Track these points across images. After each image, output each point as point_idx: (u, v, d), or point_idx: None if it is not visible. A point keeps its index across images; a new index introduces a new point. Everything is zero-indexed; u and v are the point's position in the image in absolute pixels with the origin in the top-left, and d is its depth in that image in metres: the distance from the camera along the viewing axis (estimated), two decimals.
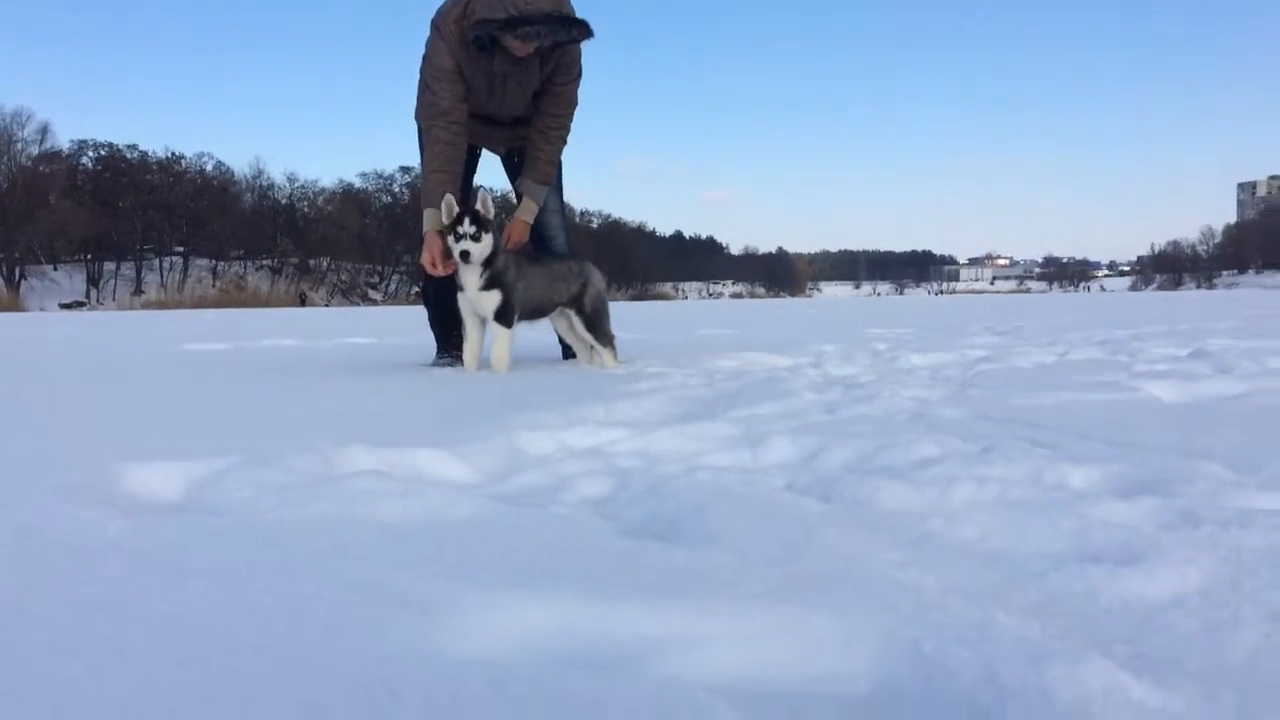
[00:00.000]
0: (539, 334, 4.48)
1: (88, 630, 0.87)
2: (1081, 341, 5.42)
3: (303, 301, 55.99)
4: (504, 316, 3.91)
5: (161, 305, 48.05)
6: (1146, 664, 0.89)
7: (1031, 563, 1.15)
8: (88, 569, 1.05)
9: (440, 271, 3.95)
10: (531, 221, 4.27)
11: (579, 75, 4.20)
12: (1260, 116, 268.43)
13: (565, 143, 4.30)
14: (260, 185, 74.80)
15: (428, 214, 3.97)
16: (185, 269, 67.60)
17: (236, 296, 52.54)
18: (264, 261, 72.71)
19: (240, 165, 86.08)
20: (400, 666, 0.81)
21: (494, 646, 0.89)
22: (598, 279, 4.23)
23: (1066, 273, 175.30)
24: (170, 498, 1.56)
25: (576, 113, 4.28)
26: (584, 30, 3.87)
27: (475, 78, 4.00)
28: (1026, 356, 4.37)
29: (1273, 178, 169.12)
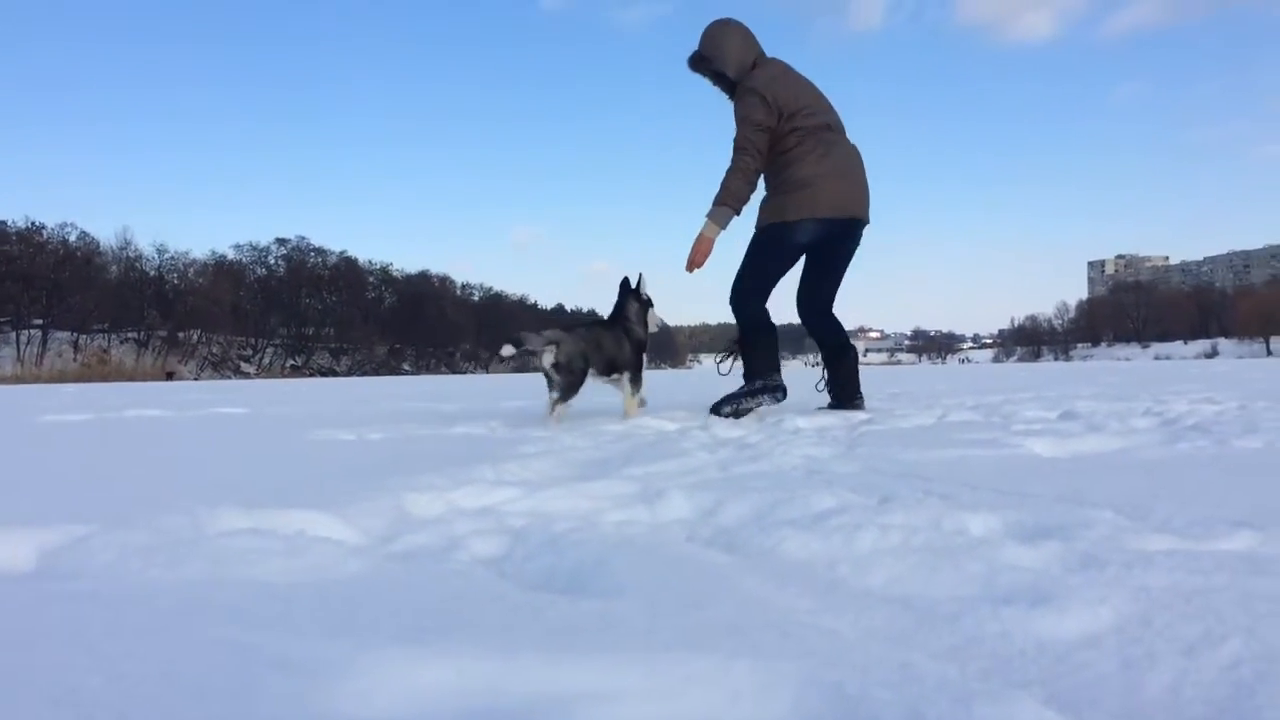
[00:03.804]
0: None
1: None
2: (956, 406, 5.56)
3: (170, 377, 53.94)
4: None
5: (17, 379, 45.74)
6: (1066, 704, 0.87)
7: (943, 606, 1.13)
8: None
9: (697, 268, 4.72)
10: (704, 236, 4.65)
11: (740, 119, 4.65)
12: (1107, 200, 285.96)
13: (728, 172, 4.61)
14: (127, 256, 72.45)
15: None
16: (44, 342, 64.48)
17: (99, 370, 50.42)
18: (129, 334, 70.11)
19: (106, 236, 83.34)
20: None
21: (386, 706, 0.81)
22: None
23: (934, 345, 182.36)
24: (20, 566, 1.42)
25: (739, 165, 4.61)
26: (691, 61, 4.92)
27: None
28: (907, 419, 4.45)
29: (1119, 256, 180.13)
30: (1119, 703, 0.87)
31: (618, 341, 4.68)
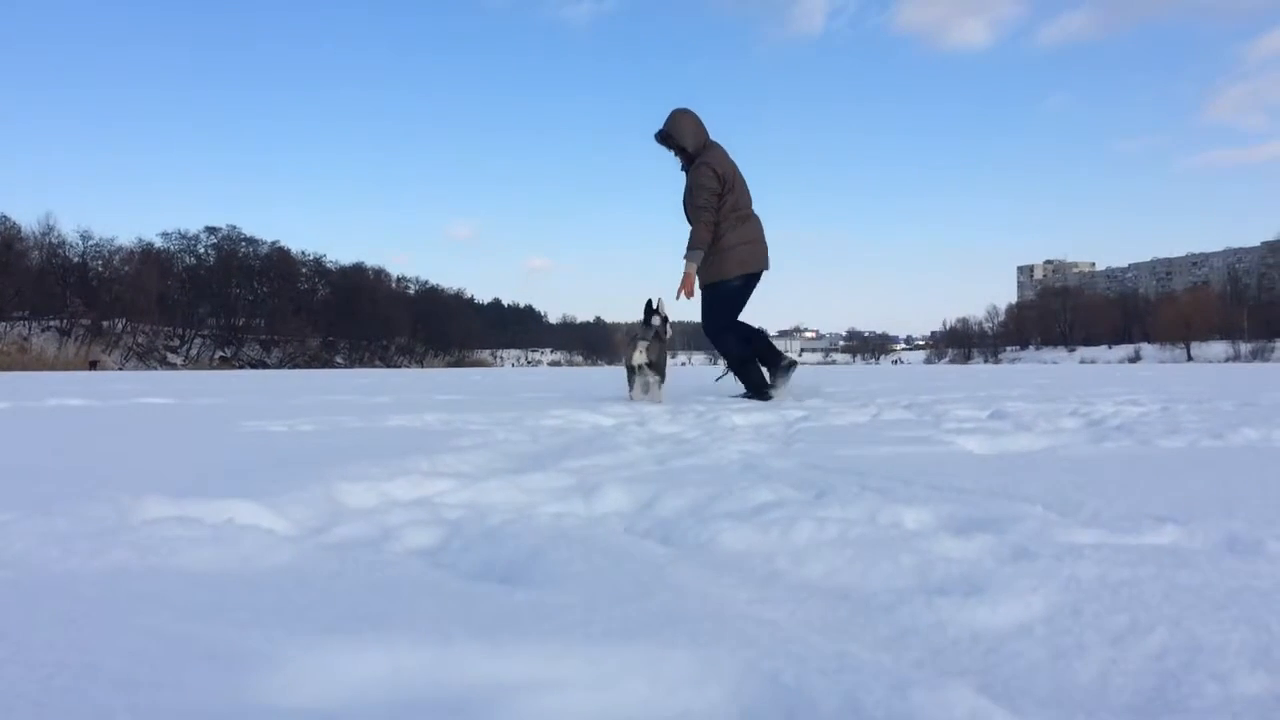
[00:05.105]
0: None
1: None
2: (890, 405, 5.63)
3: (93, 367, 52.56)
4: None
5: None
6: (999, 692, 0.88)
7: (879, 597, 1.13)
8: None
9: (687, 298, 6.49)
10: (687, 274, 6.45)
11: (699, 187, 6.37)
12: (1036, 205, 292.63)
13: (695, 225, 6.39)
14: (50, 242, 70.39)
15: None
16: None
17: (19, 359, 49.02)
18: (51, 322, 68.13)
19: (28, 221, 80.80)
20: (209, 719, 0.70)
21: (319, 695, 0.80)
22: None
23: (868, 345, 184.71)
24: None
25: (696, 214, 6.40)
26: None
27: None
28: (842, 417, 4.50)
29: (1048, 262, 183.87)
30: (1050, 691, 0.88)
31: (663, 350, 6.42)
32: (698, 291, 6.63)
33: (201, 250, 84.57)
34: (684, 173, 6.66)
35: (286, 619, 0.98)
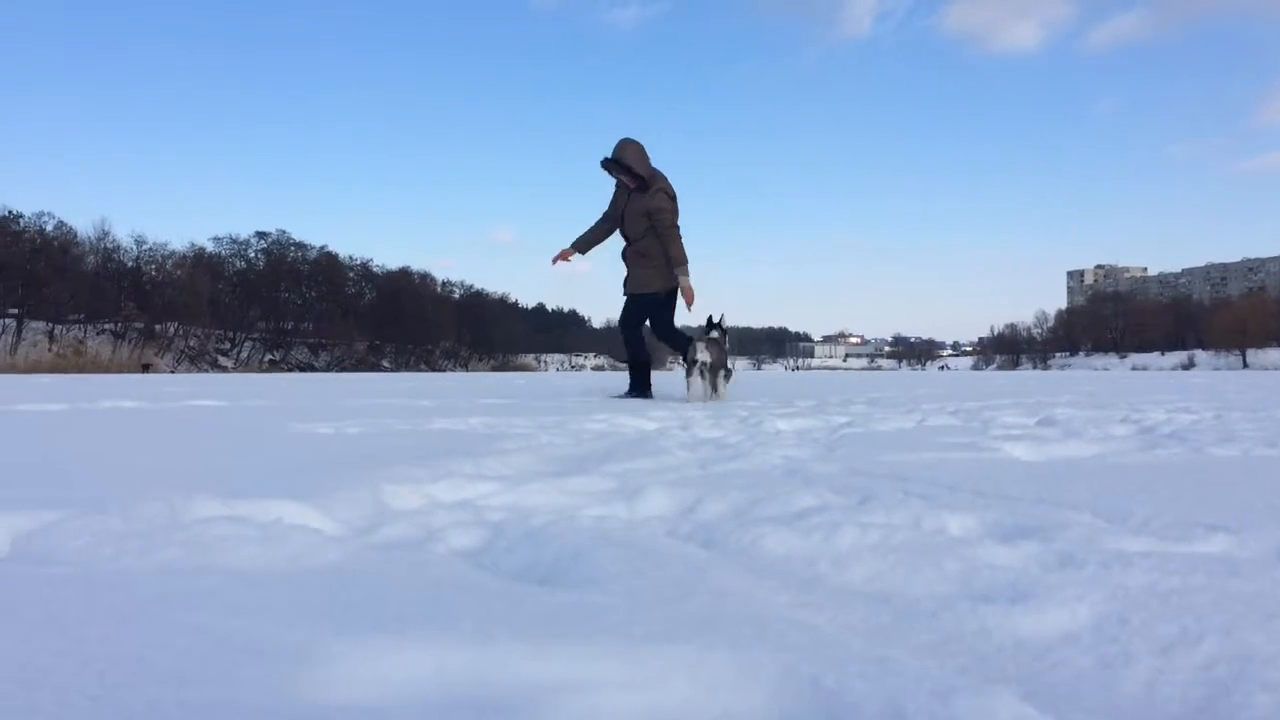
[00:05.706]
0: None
1: None
2: (936, 411, 5.58)
3: (146, 370, 53.56)
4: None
5: None
6: (1044, 700, 0.87)
7: (922, 603, 1.13)
8: None
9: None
10: (687, 287, 7.48)
11: (662, 209, 7.30)
12: (1086, 209, 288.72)
13: (671, 243, 7.35)
14: (105, 247, 71.70)
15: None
16: (19, 332, 63.61)
17: (75, 361, 50.04)
18: (106, 325, 69.40)
19: (84, 226, 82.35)
20: (259, 716, 0.71)
21: (364, 693, 0.81)
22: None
23: (914, 351, 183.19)
24: None
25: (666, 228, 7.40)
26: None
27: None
28: (886, 423, 4.47)
29: (1099, 267, 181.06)
30: (1096, 700, 0.87)
31: (723, 353, 7.17)
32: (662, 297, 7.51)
33: (251, 254, 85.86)
34: (623, 191, 7.58)
35: (332, 617, 0.99)
